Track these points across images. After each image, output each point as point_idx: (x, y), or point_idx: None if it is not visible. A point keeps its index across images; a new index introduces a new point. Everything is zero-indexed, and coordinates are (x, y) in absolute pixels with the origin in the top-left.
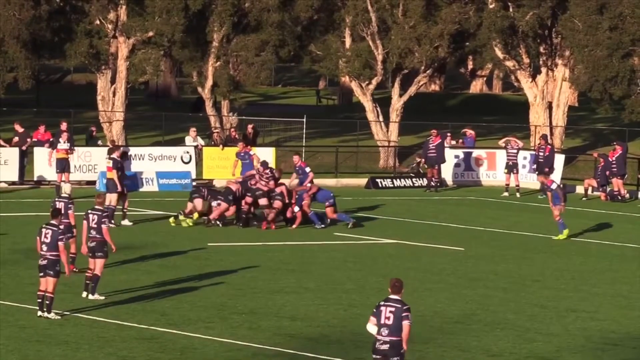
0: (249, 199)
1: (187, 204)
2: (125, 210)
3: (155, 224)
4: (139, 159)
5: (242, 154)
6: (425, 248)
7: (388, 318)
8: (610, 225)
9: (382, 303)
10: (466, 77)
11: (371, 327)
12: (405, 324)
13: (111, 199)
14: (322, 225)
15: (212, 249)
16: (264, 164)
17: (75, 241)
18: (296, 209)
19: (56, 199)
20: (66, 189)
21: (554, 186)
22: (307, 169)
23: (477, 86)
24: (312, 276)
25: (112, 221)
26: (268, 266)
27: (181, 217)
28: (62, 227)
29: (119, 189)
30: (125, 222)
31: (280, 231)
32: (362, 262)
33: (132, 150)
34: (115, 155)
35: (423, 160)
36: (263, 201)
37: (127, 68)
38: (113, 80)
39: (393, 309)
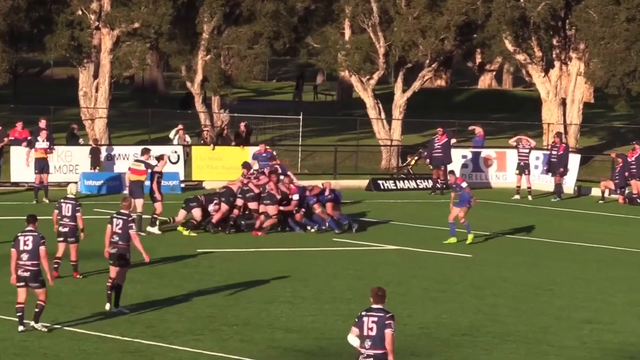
0: (239, 202)
1: (179, 211)
2: (155, 216)
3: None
4: (124, 158)
5: (264, 155)
6: (430, 255)
7: (371, 329)
8: (628, 230)
9: (363, 313)
10: (474, 72)
11: (352, 339)
12: (388, 332)
13: (138, 204)
14: (339, 231)
15: (201, 256)
16: (246, 166)
17: (77, 247)
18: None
19: (62, 200)
20: (72, 189)
21: (464, 185)
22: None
23: (485, 81)
24: (308, 285)
25: (150, 228)
26: (261, 274)
27: (180, 228)
28: (39, 233)
29: (158, 196)
30: (154, 230)
31: (275, 236)
32: (363, 269)
33: (116, 150)
34: (145, 157)
35: (416, 159)
36: (253, 205)
37: (110, 61)
38: (96, 75)
39: (376, 319)
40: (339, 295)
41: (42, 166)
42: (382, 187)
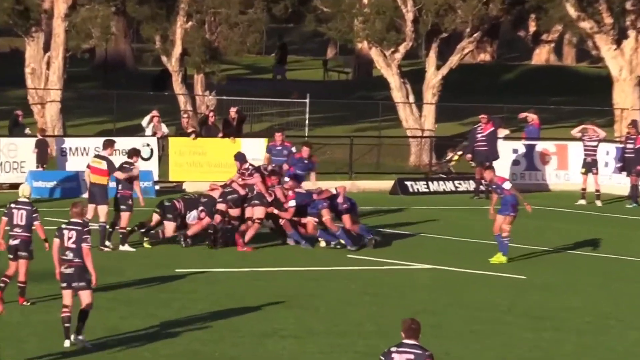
0: (221, 206)
1: (151, 215)
2: (120, 229)
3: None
4: (82, 153)
5: (279, 148)
6: (472, 276)
7: None
8: None
9: (393, 349)
10: (527, 44)
11: None
12: None
13: (100, 212)
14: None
15: (181, 277)
16: (240, 158)
17: (28, 264)
18: (308, 218)
19: (12, 205)
20: (25, 191)
21: (506, 186)
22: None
23: (541, 55)
24: (317, 314)
25: (108, 242)
26: (257, 300)
27: (145, 241)
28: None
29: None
30: (125, 248)
31: (273, 252)
32: (386, 294)
33: (71, 142)
34: (107, 152)
35: (459, 154)
36: (234, 212)
37: (65, 30)
38: (47, 47)
39: (412, 356)
40: (356, 327)
41: None
42: (410, 190)
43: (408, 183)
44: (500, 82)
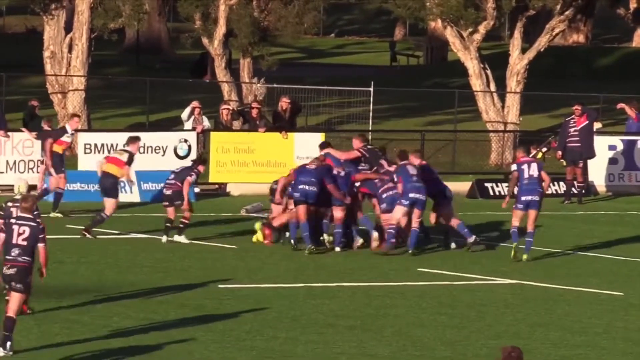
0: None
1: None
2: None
3: (137, 253)
4: (108, 150)
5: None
6: (562, 292)
7: None
8: None
9: None
10: (627, 23)
11: None
12: None
13: (107, 204)
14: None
15: (226, 294)
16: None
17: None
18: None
19: (10, 204)
20: (21, 187)
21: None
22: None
23: None
24: (382, 336)
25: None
26: (312, 321)
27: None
28: None
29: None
30: (181, 238)
31: (330, 264)
32: (463, 314)
33: (97, 138)
34: (132, 149)
35: (543, 151)
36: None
37: (90, 7)
38: (69, 28)
39: None
40: (429, 352)
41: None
42: (491, 193)
43: (488, 185)
44: (596, 68)
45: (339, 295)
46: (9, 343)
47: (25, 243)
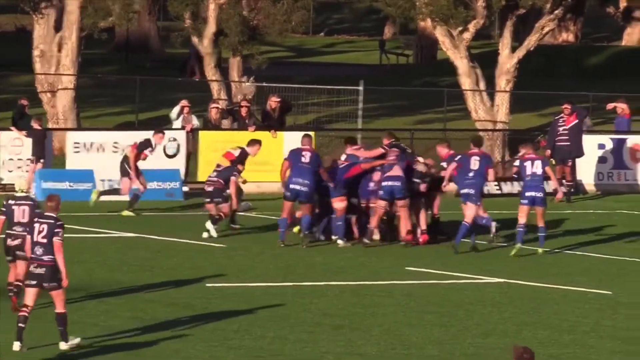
0: None
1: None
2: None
3: (125, 252)
4: (98, 149)
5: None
6: (550, 291)
7: None
8: None
9: None
10: (617, 21)
11: None
12: None
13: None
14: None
15: (214, 293)
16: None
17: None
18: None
19: (11, 202)
20: (21, 184)
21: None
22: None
23: (633, 35)
24: (371, 335)
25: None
26: (301, 319)
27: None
28: None
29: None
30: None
31: (319, 263)
32: (451, 313)
33: (86, 136)
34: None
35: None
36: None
37: (80, 6)
38: (59, 26)
39: None
40: (417, 351)
41: None
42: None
43: None
44: (586, 67)
45: (327, 294)
46: (69, 337)
47: (44, 240)
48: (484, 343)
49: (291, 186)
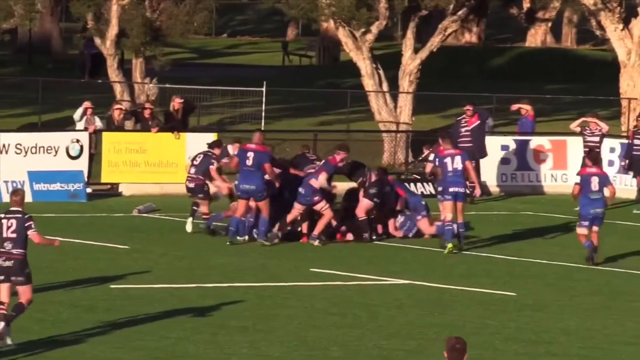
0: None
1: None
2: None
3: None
4: (1, 151)
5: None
6: (455, 292)
7: None
8: None
9: None
10: (520, 23)
11: None
12: None
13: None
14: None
15: (117, 294)
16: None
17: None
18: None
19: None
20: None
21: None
22: None
23: (537, 36)
24: (275, 337)
25: None
26: (205, 321)
27: None
28: None
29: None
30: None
31: (222, 264)
32: (355, 314)
33: None
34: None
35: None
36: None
37: None
38: None
39: None
40: (321, 352)
41: None
42: None
43: None
44: (489, 68)
45: (230, 295)
46: (2, 323)
47: (14, 235)
48: (388, 345)
49: (242, 186)
